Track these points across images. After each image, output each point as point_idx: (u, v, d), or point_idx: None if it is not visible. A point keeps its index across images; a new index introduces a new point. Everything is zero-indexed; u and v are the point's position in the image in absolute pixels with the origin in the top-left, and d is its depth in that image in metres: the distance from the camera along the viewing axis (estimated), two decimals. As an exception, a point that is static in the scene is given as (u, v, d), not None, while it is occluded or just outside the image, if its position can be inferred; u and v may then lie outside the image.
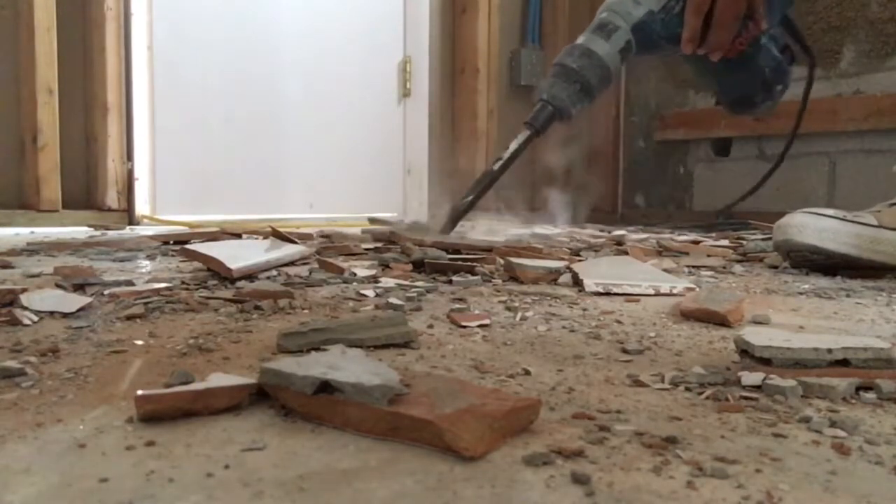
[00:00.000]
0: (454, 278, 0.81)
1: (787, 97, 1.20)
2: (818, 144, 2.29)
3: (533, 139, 1.07)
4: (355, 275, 0.82)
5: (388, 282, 0.78)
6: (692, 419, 0.34)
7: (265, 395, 0.35)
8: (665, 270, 0.91)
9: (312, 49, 2.30)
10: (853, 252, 0.93)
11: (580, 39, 1.03)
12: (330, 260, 0.91)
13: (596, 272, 0.81)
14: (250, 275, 0.79)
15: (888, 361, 0.39)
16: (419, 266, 0.89)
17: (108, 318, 0.56)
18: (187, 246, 0.88)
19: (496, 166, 1.08)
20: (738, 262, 1.11)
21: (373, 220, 1.80)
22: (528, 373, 0.43)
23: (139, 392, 0.33)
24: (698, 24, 0.94)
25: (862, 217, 0.95)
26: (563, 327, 0.57)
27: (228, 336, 0.50)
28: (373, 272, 0.84)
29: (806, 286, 0.84)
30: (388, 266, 0.90)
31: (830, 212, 0.97)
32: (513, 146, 1.08)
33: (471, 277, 0.81)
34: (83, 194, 1.87)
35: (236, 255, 0.80)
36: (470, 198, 1.10)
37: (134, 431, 0.31)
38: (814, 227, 0.94)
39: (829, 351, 0.39)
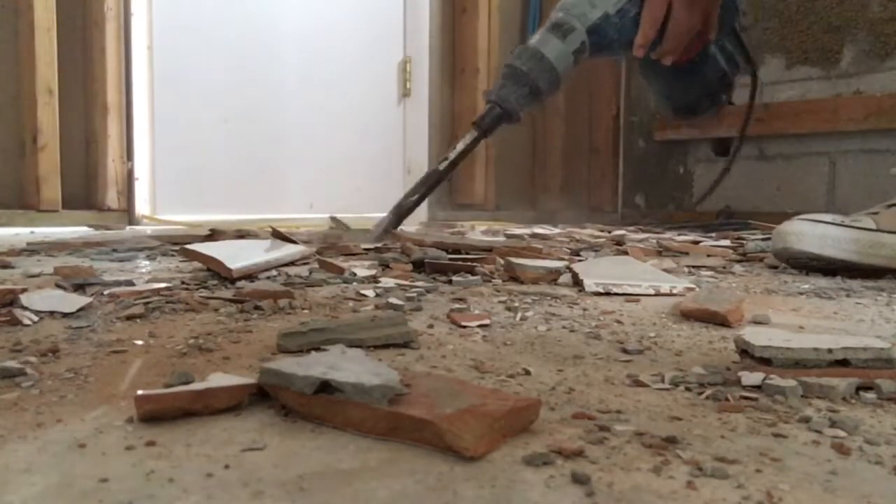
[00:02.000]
0: (454, 278, 0.81)
1: (785, 97, 1.22)
2: (818, 144, 2.30)
3: (480, 140, 1.08)
4: (355, 275, 0.82)
5: (388, 282, 0.78)
6: (692, 419, 0.34)
7: (265, 395, 0.35)
8: (665, 270, 0.91)
9: (312, 49, 2.30)
10: (853, 258, 0.93)
11: (533, 39, 1.03)
12: (330, 260, 0.91)
13: (596, 272, 0.81)
14: (250, 275, 0.79)
15: (888, 361, 0.39)
16: (419, 266, 0.88)
17: (108, 318, 0.56)
18: (187, 246, 0.88)
19: (442, 166, 1.09)
20: (738, 262, 1.11)
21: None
22: (528, 373, 0.43)
23: (139, 392, 0.33)
24: (653, 33, 0.98)
25: (860, 221, 0.96)
26: (563, 327, 0.57)
27: (228, 336, 0.50)
28: (373, 272, 0.84)
29: (806, 286, 0.84)
30: (388, 266, 0.90)
31: (828, 217, 0.97)
32: (459, 146, 1.09)
33: (471, 277, 0.81)
34: (83, 194, 1.87)
35: (236, 255, 0.80)
36: (415, 197, 1.10)
37: (134, 431, 0.31)
38: (812, 234, 0.94)
39: (829, 351, 0.39)
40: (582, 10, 1.00)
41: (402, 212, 1.13)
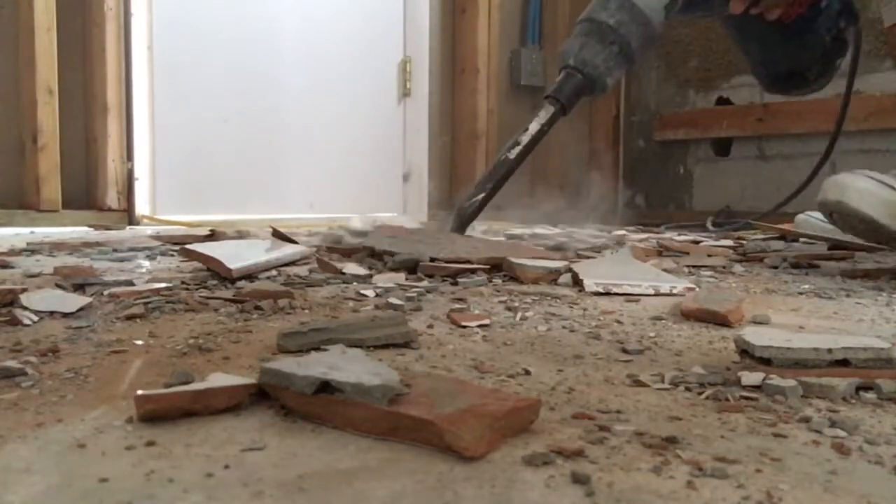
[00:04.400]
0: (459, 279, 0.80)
1: (785, 97, 1.10)
2: (818, 144, 2.29)
3: (558, 117, 0.85)
4: (357, 275, 0.82)
5: (388, 282, 0.78)
6: (692, 419, 0.34)
7: (265, 395, 0.35)
8: (665, 270, 0.91)
9: (312, 49, 2.30)
10: None
11: None
12: (329, 260, 0.90)
13: (596, 272, 0.81)
14: (250, 275, 0.79)
15: (888, 361, 0.39)
16: (412, 270, 0.85)
17: (108, 318, 0.56)
18: (187, 246, 0.88)
19: (512, 153, 0.87)
20: (738, 262, 1.11)
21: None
22: (528, 373, 0.43)
23: (139, 392, 0.33)
24: None
25: None
26: (563, 327, 0.57)
27: (228, 336, 0.50)
28: (371, 272, 0.84)
29: (806, 286, 0.84)
30: (379, 271, 0.89)
31: (894, 182, 0.87)
32: (533, 127, 0.86)
33: (476, 277, 0.80)
34: (83, 194, 1.87)
35: (236, 255, 0.80)
36: (480, 196, 0.90)
37: (134, 431, 0.31)
38: (878, 196, 0.84)
39: (829, 351, 0.39)
40: None
41: (465, 215, 0.92)
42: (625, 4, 0.80)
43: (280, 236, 1.02)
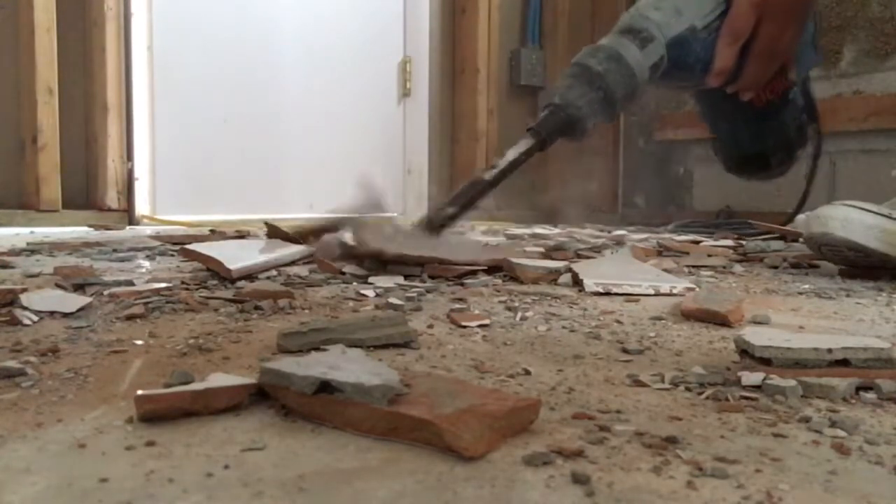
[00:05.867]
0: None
1: None
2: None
3: (536, 151, 0.86)
4: (357, 275, 0.82)
5: (387, 282, 0.78)
6: (692, 419, 0.34)
7: (265, 395, 0.35)
8: (665, 270, 0.91)
9: (312, 49, 2.30)
10: None
11: (605, 41, 0.84)
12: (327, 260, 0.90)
13: (596, 272, 0.81)
14: (250, 275, 0.79)
15: (888, 361, 0.39)
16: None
17: (108, 318, 0.56)
18: (187, 246, 0.88)
19: (488, 175, 0.87)
20: (738, 262, 1.11)
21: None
22: (528, 373, 0.43)
23: (139, 392, 0.33)
24: (734, 53, 0.81)
25: None
26: (563, 327, 0.57)
27: (228, 336, 0.50)
28: (369, 273, 0.84)
29: (806, 286, 0.84)
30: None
31: (873, 207, 0.89)
32: (510, 154, 0.86)
33: (484, 277, 0.80)
34: (83, 194, 1.87)
35: (236, 255, 0.80)
36: (450, 211, 0.88)
37: (134, 431, 0.31)
38: (859, 222, 0.87)
39: (829, 351, 0.39)
40: (665, 18, 0.81)
41: (433, 227, 0.90)
42: (613, 55, 0.80)
43: (276, 233, 1.01)
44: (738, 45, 0.80)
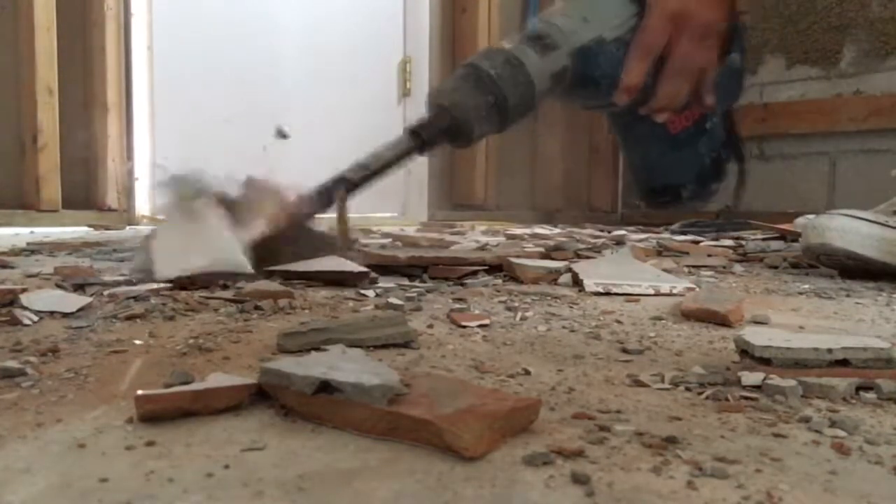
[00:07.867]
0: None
1: (785, 97, 1.11)
2: (818, 144, 2.30)
3: (413, 153, 0.77)
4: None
5: (387, 282, 0.78)
6: (692, 419, 0.34)
7: (265, 395, 0.35)
8: (665, 270, 0.91)
9: (312, 49, 2.30)
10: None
11: (506, 43, 0.77)
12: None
13: (596, 272, 0.81)
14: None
15: (888, 361, 0.39)
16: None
17: (108, 318, 0.56)
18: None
19: (356, 176, 0.80)
20: (738, 262, 1.11)
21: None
22: (528, 373, 0.43)
23: (139, 392, 0.33)
24: (644, 68, 0.74)
25: None
26: (563, 327, 0.57)
27: (228, 336, 0.50)
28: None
29: (806, 286, 0.84)
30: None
31: (869, 216, 0.90)
32: (385, 155, 0.78)
33: (484, 277, 0.80)
34: (83, 194, 1.87)
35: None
36: (307, 211, 0.83)
37: (134, 431, 0.31)
38: (856, 231, 0.88)
39: (829, 351, 0.39)
40: (570, 27, 0.75)
41: (291, 226, 0.85)
42: (511, 60, 0.73)
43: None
44: (650, 61, 0.74)
